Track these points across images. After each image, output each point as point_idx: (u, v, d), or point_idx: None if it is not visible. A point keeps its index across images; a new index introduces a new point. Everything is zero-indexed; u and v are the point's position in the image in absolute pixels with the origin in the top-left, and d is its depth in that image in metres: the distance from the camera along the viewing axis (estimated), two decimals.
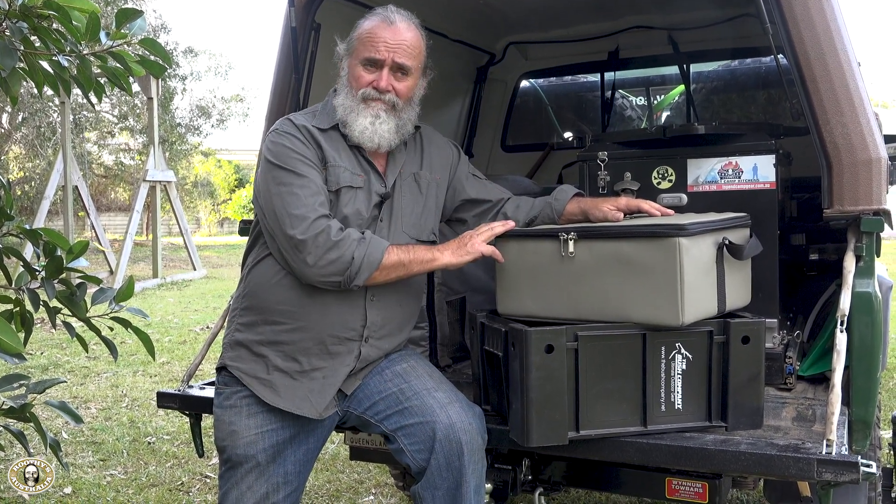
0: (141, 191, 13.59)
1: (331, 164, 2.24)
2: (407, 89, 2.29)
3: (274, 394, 2.20)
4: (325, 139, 2.27)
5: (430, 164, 2.45)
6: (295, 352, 2.21)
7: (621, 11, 3.76)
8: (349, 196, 2.24)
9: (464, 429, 2.16)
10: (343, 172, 2.25)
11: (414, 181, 2.40)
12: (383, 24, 2.25)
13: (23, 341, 1.84)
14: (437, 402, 2.20)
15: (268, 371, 2.22)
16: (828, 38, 2.19)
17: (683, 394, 2.14)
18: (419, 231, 2.38)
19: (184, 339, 8.27)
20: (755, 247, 2.27)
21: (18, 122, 17.58)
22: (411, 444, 2.20)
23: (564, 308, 2.24)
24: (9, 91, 1.85)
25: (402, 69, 2.26)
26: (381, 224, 2.30)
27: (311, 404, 2.21)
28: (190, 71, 20.94)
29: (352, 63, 2.29)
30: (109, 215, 25.02)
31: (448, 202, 2.52)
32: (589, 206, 2.41)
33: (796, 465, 1.92)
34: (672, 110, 4.66)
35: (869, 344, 2.13)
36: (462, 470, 2.15)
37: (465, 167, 2.57)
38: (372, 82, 2.25)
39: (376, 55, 2.24)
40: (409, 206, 2.36)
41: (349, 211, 2.23)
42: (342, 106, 2.28)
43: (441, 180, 2.48)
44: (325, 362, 2.23)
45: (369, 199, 2.28)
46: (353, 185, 2.25)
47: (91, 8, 1.78)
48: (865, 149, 2.15)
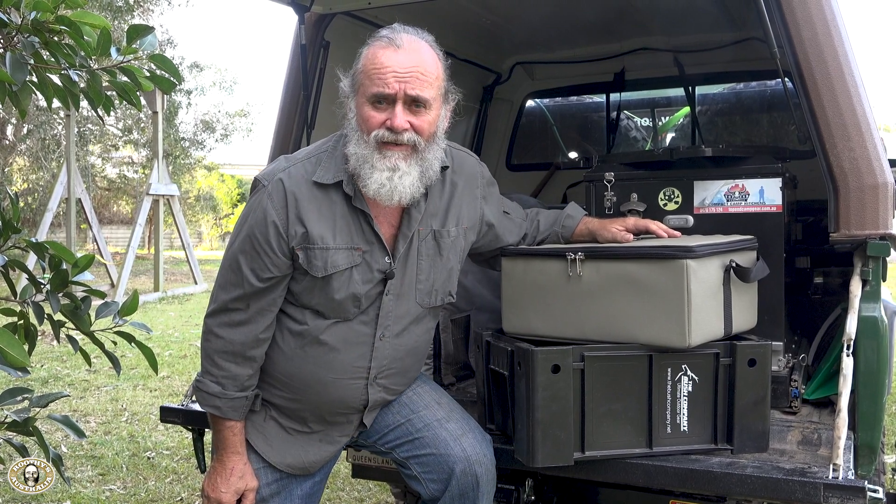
0: (144, 204, 13.60)
1: (318, 246, 1.97)
2: (427, 125, 1.94)
3: (266, 444, 2.13)
4: (318, 205, 1.98)
5: (457, 215, 2.16)
6: (293, 414, 2.15)
7: (628, 33, 3.78)
8: (342, 280, 2.00)
9: (479, 461, 2.13)
10: (333, 254, 1.98)
11: (433, 240, 2.12)
12: (389, 50, 1.91)
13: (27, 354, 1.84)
14: (449, 434, 2.15)
15: (264, 419, 2.15)
16: (835, 61, 2.20)
17: (689, 416, 2.13)
18: (433, 298, 2.17)
19: (184, 353, 8.25)
20: (762, 270, 2.27)
21: (23, 134, 17.64)
22: (425, 472, 2.16)
23: (571, 328, 2.23)
24: (18, 105, 1.85)
25: (417, 101, 1.91)
26: (388, 298, 2.08)
27: (304, 465, 2.15)
28: (195, 85, 21.05)
29: (359, 102, 1.95)
30: (112, 228, 25.07)
31: (483, 246, 2.33)
32: (597, 227, 2.39)
33: (803, 490, 1.91)
34: (677, 132, 4.67)
35: (875, 368, 2.12)
36: (476, 501, 2.14)
37: (498, 205, 2.33)
38: (384, 122, 1.91)
39: (385, 90, 1.89)
40: (424, 272, 2.12)
41: (342, 296, 2.00)
42: (355, 156, 1.94)
43: (470, 230, 2.21)
44: (322, 426, 2.17)
45: (368, 276, 2.03)
46: (348, 265, 2.00)
47: (102, 23, 1.79)
48: (872, 173, 2.15)
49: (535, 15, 3.47)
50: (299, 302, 2.06)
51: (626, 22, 3.59)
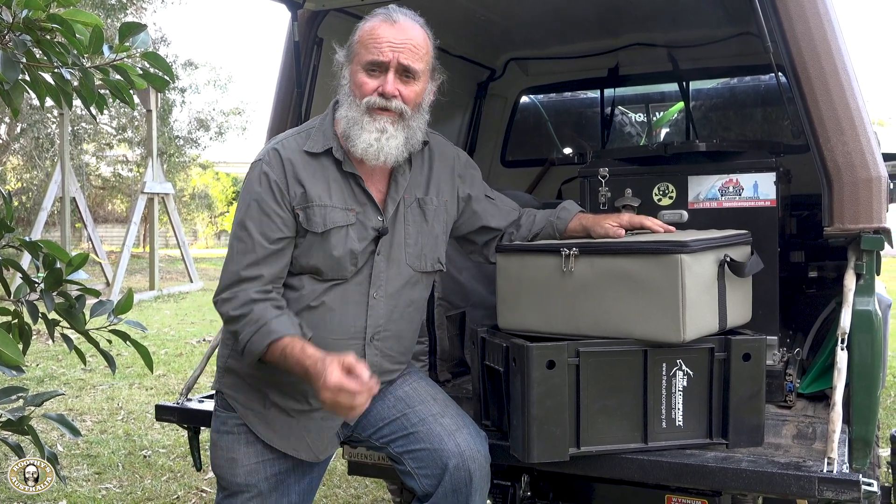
0: (139, 203, 13.59)
1: (316, 204, 2.10)
2: (415, 94, 2.12)
3: (269, 430, 2.15)
4: (313, 171, 2.13)
5: (437, 187, 2.30)
6: (292, 391, 2.14)
7: (622, 28, 3.78)
8: (339, 236, 2.11)
9: (472, 457, 2.13)
10: (331, 212, 2.10)
11: (418, 207, 2.25)
12: (386, 24, 2.08)
13: (21, 353, 1.83)
14: (444, 429, 2.15)
15: (264, 405, 2.16)
16: (828, 56, 2.20)
17: (684, 410, 2.13)
18: (423, 262, 2.25)
19: (180, 351, 8.25)
20: (756, 264, 2.27)
21: (17, 133, 17.60)
22: (419, 468, 2.16)
23: (565, 324, 2.23)
24: (11, 103, 1.84)
25: (408, 72, 2.08)
26: (379, 258, 2.17)
27: (308, 446, 2.16)
28: (189, 83, 21.01)
29: (353, 69, 2.12)
30: (106, 227, 25.03)
31: (464, 224, 2.42)
32: (591, 223, 2.39)
33: (797, 484, 1.91)
34: (671, 127, 4.68)
35: (869, 362, 2.13)
36: (469, 495, 2.13)
37: (480, 187, 2.44)
38: (376, 88, 2.07)
39: (380, 57, 2.06)
40: (412, 237, 2.23)
41: (340, 252, 2.11)
42: (346, 118, 2.11)
43: (450, 202, 2.34)
44: None
45: (364, 234, 2.14)
46: (344, 223, 2.12)
47: (94, 21, 1.78)
48: (866, 167, 2.16)
49: (530, 11, 3.47)
50: (297, 267, 2.13)
51: (620, 17, 3.59)
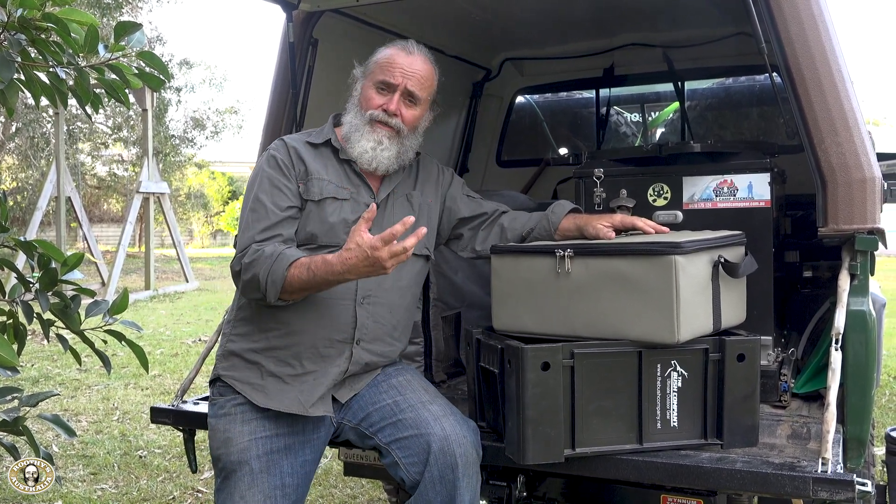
0: (134, 202, 13.57)
1: (314, 176, 2.31)
2: (413, 118, 2.37)
3: (266, 397, 2.23)
4: (313, 155, 2.35)
5: (422, 188, 2.51)
6: (288, 356, 2.25)
7: (617, 29, 3.79)
8: (334, 206, 2.30)
9: (458, 441, 2.15)
10: (327, 185, 2.31)
11: (406, 200, 2.45)
12: (403, 53, 2.35)
13: (16, 353, 1.83)
14: (431, 414, 2.20)
15: (261, 377, 2.26)
16: (822, 57, 2.21)
17: (679, 411, 2.14)
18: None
19: (176, 351, 8.24)
20: (750, 265, 2.27)
21: (12, 133, 17.56)
22: (405, 456, 2.19)
23: (560, 325, 2.24)
24: (6, 103, 1.84)
25: (412, 97, 2.34)
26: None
27: (300, 402, 2.22)
28: (185, 83, 20.97)
29: (366, 85, 2.38)
30: (102, 226, 24.99)
31: (444, 225, 2.58)
32: (583, 223, 2.43)
33: (792, 484, 1.91)
34: (666, 127, 4.68)
35: (863, 362, 2.14)
36: (456, 483, 2.13)
37: (458, 188, 2.62)
38: (382, 104, 2.32)
39: (391, 79, 2.32)
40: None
41: (335, 220, 2.29)
42: (349, 123, 2.37)
43: (433, 203, 2.53)
44: (316, 365, 2.26)
45: (357, 209, 2.31)
46: (338, 196, 2.31)
47: (90, 20, 1.78)
48: (860, 168, 2.16)
49: (525, 11, 3.47)
50: (297, 238, 2.29)
51: (615, 18, 3.59)
